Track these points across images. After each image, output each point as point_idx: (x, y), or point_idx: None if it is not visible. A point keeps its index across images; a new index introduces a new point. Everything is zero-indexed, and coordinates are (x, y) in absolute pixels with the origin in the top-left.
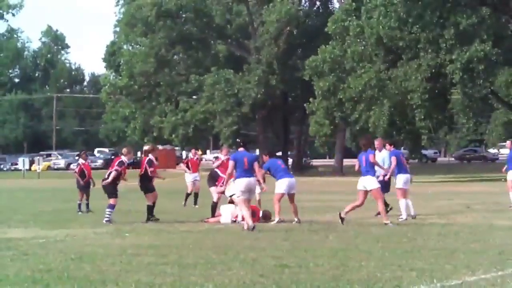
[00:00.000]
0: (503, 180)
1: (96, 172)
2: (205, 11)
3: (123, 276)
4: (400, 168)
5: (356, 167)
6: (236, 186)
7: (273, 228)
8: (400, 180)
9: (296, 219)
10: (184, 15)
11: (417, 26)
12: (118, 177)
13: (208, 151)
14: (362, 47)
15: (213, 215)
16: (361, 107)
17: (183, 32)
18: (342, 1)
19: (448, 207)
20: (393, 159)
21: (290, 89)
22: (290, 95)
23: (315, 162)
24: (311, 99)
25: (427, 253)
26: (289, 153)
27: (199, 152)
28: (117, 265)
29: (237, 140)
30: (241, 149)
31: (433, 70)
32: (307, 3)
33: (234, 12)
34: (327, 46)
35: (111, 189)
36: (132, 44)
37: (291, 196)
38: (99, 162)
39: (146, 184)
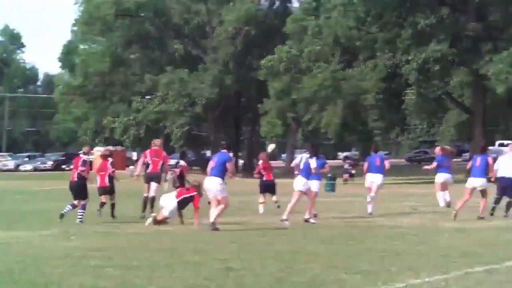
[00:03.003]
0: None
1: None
2: (163, 10)
3: (66, 278)
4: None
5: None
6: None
7: (220, 230)
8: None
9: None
10: (142, 14)
11: (376, 26)
12: (85, 176)
13: None
14: (319, 47)
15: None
16: (314, 107)
17: (140, 31)
18: (301, 0)
19: (396, 209)
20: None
21: (244, 89)
22: (244, 95)
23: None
24: (264, 100)
25: (373, 255)
26: (239, 154)
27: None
28: (61, 268)
29: (222, 142)
30: (224, 150)
31: (389, 70)
32: (266, 3)
33: (193, 11)
34: (284, 45)
35: (82, 190)
36: (89, 43)
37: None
38: (49, 163)
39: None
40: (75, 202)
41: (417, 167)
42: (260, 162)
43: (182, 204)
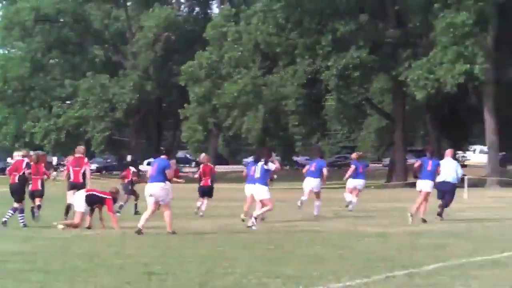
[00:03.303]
0: (372, 187)
1: None
2: (83, 16)
3: None
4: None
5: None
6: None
7: (143, 234)
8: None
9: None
10: (62, 20)
11: (295, 32)
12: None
13: None
14: (239, 53)
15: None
16: (235, 113)
17: (60, 37)
18: (221, 6)
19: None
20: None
21: (165, 94)
22: (165, 101)
23: (188, 168)
24: (185, 105)
25: (294, 260)
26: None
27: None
28: None
29: (161, 148)
30: (163, 156)
31: (309, 77)
32: (186, 9)
33: (113, 17)
34: (204, 51)
35: (21, 192)
36: (8, 48)
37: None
38: None
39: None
40: (16, 205)
41: (338, 172)
42: (201, 165)
43: (89, 201)
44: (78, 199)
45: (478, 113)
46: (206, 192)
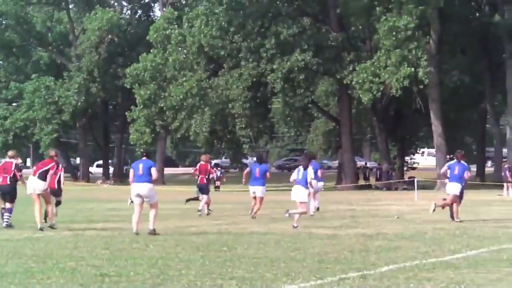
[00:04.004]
0: (322, 190)
1: None
2: (25, 18)
3: None
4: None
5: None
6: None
7: (94, 236)
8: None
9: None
10: (4, 22)
11: (239, 35)
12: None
13: (28, 159)
14: (184, 56)
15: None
16: (182, 115)
17: (3, 39)
18: (164, 9)
19: (269, 215)
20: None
21: (111, 97)
22: (111, 103)
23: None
24: (132, 107)
25: (247, 262)
26: (109, 161)
27: (19, 160)
28: None
29: (141, 151)
30: (144, 158)
31: (254, 79)
32: (128, 11)
33: (55, 20)
34: (148, 54)
35: (14, 193)
36: None
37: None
38: None
39: None
40: (10, 205)
41: (287, 175)
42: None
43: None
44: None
45: (424, 116)
46: (202, 190)
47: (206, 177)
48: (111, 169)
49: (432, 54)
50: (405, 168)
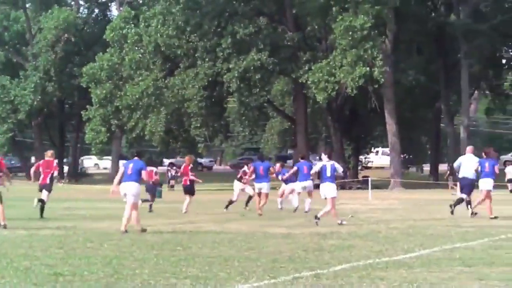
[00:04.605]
0: (276, 189)
1: None
2: None
3: None
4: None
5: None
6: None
7: (48, 236)
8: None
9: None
10: None
11: (195, 34)
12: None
13: None
14: (140, 55)
15: None
16: (137, 115)
17: None
18: (121, 9)
19: (224, 215)
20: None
21: (67, 96)
22: (67, 102)
23: (92, 169)
24: (88, 107)
25: (201, 261)
26: (64, 160)
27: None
28: None
29: (133, 151)
30: (136, 158)
31: (210, 79)
32: (85, 10)
33: (12, 19)
34: (105, 53)
35: None
36: None
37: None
38: None
39: None
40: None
41: None
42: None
43: None
44: None
45: (379, 115)
46: (187, 191)
47: (189, 178)
48: (66, 168)
49: (388, 53)
50: (359, 167)
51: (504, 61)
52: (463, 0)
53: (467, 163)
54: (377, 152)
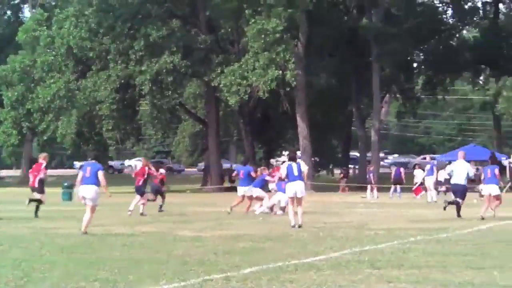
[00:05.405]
0: (187, 191)
1: None
2: None
3: None
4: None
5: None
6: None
7: None
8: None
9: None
10: None
11: (108, 36)
12: None
13: None
14: (52, 57)
15: None
16: (49, 117)
17: None
18: (33, 10)
19: (134, 217)
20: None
21: None
22: None
23: (2, 172)
24: None
25: (111, 264)
26: None
27: None
28: None
29: (90, 154)
30: (92, 160)
31: (122, 81)
32: None
33: None
34: (17, 55)
35: None
36: None
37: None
38: None
39: None
40: None
41: None
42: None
43: None
44: None
45: (291, 118)
46: (136, 191)
47: (143, 179)
48: None
49: (300, 57)
50: (270, 170)
51: (415, 64)
52: (375, 3)
53: (459, 169)
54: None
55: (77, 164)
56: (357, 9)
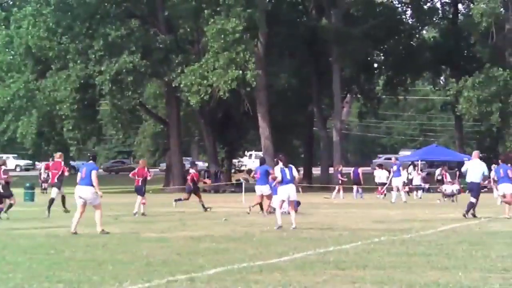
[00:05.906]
0: (150, 192)
1: None
2: None
3: None
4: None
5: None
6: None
7: None
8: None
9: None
10: None
11: (67, 36)
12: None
13: None
14: (11, 57)
15: None
16: (9, 117)
17: None
18: None
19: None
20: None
21: None
22: None
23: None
24: None
25: (75, 265)
26: None
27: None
28: None
29: (89, 154)
30: (90, 161)
31: (82, 81)
32: None
33: None
34: None
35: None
36: None
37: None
38: None
39: None
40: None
41: (115, 177)
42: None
43: None
44: None
45: (252, 118)
46: (137, 191)
47: (142, 179)
48: None
49: (260, 57)
50: (232, 171)
51: (375, 65)
52: (334, 4)
53: (474, 168)
54: (250, 155)
55: (38, 164)
56: (316, 10)
